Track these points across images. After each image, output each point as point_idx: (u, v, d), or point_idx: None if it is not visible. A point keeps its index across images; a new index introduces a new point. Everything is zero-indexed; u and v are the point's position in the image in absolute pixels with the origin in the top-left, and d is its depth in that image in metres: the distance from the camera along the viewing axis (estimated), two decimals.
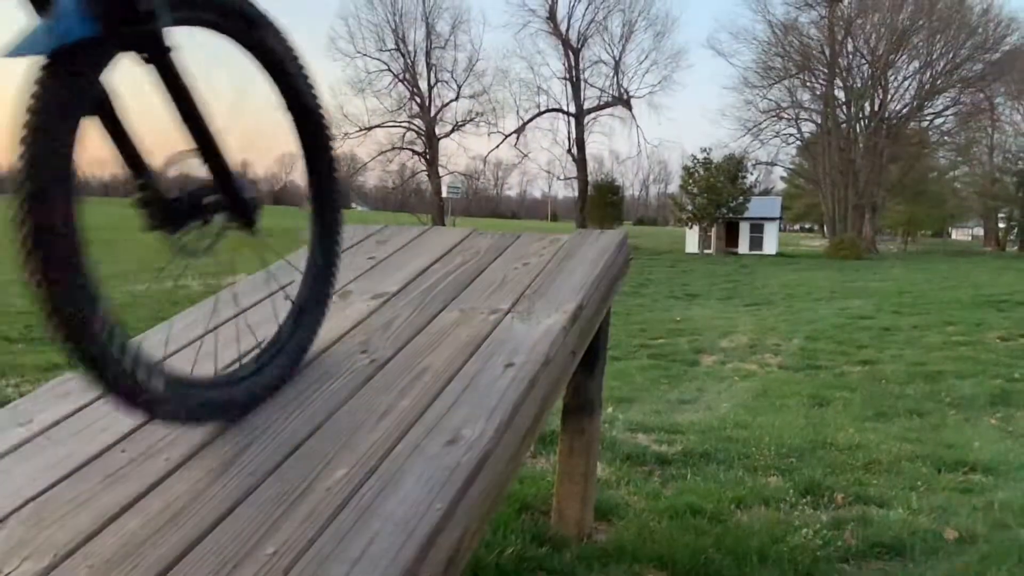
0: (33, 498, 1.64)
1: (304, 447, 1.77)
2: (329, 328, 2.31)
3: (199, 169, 1.72)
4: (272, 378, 1.94)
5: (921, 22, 45.05)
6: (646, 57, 50.07)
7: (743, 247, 43.92)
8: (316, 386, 2.03)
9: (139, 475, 1.70)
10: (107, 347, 1.38)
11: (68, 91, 1.31)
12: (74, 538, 1.49)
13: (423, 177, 49.76)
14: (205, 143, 1.68)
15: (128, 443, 1.83)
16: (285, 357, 2.00)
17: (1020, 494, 4.37)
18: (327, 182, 2.11)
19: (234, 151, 1.74)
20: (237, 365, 1.92)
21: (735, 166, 42.98)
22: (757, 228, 44.58)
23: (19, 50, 1.26)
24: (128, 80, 1.49)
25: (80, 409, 2.01)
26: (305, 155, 2.04)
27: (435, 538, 1.48)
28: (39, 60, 1.30)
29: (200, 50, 1.63)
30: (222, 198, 1.75)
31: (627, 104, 48.66)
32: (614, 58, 48.64)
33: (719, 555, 3.33)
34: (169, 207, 1.64)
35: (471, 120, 48.86)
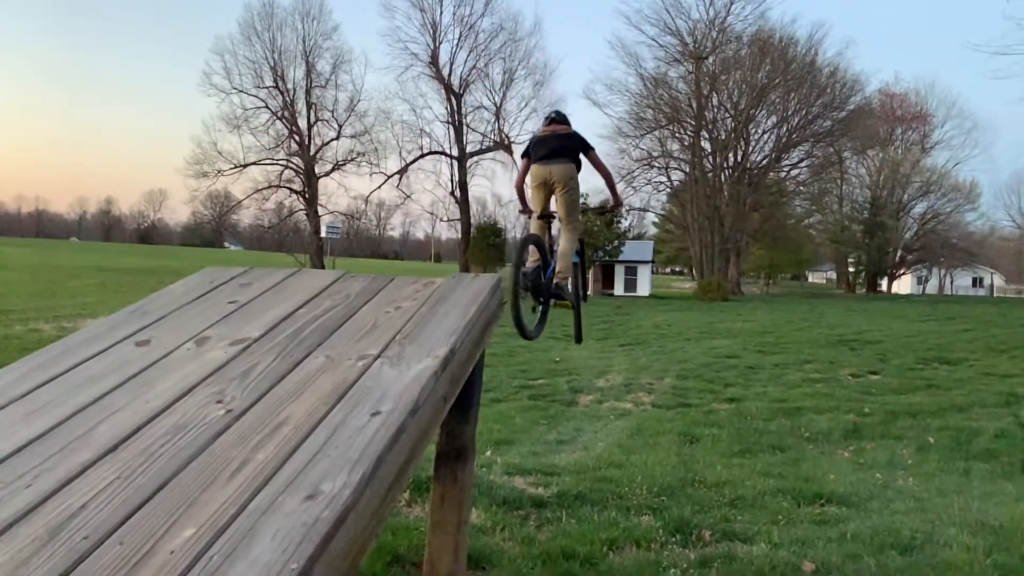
0: None
1: (148, 506, 1.64)
2: (182, 377, 2.17)
3: None
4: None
5: (777, 80, 48.51)
6: (526, 104, 50.92)
7: (618, 289, 45.30)
8: (165, 439, 1.89)
9: None
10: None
11: None
12: None
13: (302, 216, 48.58)
14: None
15: None
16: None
17: (869, 525, 4.63)
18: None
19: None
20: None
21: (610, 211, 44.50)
22: (631, 271, 46.15)
23: None
24: None
25: None
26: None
27: None
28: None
29: None
30: None
31: (508, 149, 49.49)
32: (495, 104, 49.41)
33: None
34: None
35: (352, 160, 48.17)
